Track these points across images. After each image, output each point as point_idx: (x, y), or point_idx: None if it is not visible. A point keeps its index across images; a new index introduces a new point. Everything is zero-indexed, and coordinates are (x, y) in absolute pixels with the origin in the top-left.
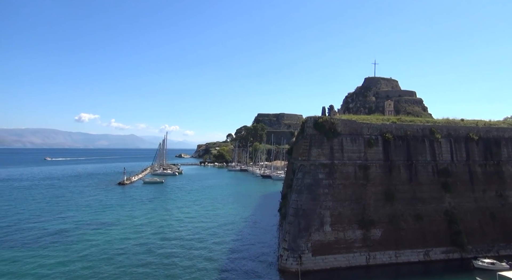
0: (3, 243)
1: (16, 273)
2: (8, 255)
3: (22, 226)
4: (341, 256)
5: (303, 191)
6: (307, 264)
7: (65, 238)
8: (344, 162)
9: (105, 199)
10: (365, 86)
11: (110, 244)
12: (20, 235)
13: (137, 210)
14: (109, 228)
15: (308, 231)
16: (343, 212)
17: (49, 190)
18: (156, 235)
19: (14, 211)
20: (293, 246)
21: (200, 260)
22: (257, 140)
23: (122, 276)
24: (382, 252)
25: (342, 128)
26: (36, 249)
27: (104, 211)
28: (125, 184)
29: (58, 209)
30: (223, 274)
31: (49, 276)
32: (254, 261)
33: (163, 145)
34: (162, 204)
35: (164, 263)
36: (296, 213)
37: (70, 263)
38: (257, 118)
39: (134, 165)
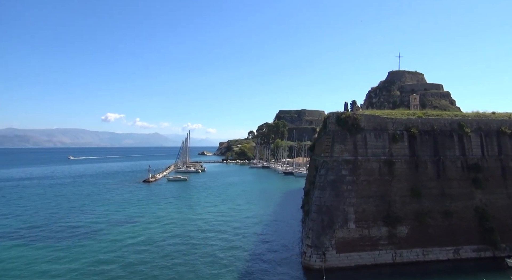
0: (38, 237)
1: (49, 266)
2: (42, 249)
3: (55, 221)
4: (366, 253)
5: (326, 188)
6: (331, 261)
7: (96, 233)
8: (368, 158)
9: (131, 196)
10: (389, 80)
11: (137, 239)
12: (53, 230)
13: (162, 206)
14: (136, 224)
15: (331, 228)
16: (368, 209)
17: (78, 187)
18: (180, 230)
19: (47, 207)
20: (317, 243)
21: (223, 256)
22: (278, 136)
23: (148, 269)
24: (409, 250)
25: (366, 123)
26: (68, 243)
27: (131, 208)
28: (150, 181)
29: (88, 205)
30: (246, 269)
31: (81, 270)
32: (277, 257)
33: (186, 143)
34: (186, 201)
35: (188, 257)
36: (319, 209)
37: (101, 258)
38: (278, 115)
39: (158, 162)
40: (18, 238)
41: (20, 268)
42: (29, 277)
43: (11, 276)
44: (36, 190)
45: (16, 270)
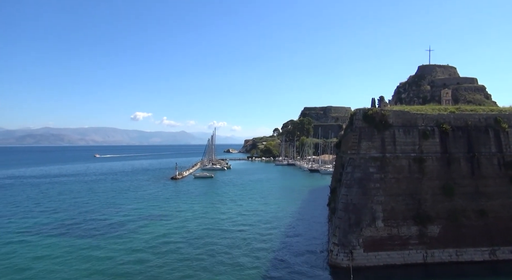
0: (71, 232)
1: (81, 260)
2: (75, 243)
3: (89, 217)
4: (395, 252)
5: (353, 185)
6: (359, 260)
7: (126, 228)
8: (397, 155)
9: (160, 192)
10: (418, 75)
11: (166, 234)
12: (87, 225)
13: (189, 203)
14: (165, 219)
15: (359, 226)
16: (397, 207)
17: (110, 184)
18: (207, 227)
19: (82, 203)
20: (344, 241)
21: (249, 253)
22: (304, 133)
23: (174, 265)
24: (441, 250)
25: (394, 119)
26: (101, 239)
27: (160, 204)
28: (177, 178)
29: (119, 202)
30: (272, 266)
31: (111, 264)
32: (303, 255)
33: (212, 140)
34: (213, 197)
35: (213, 253)
36: (346, 207)
37: (132, 253)
38: (304, 112)
39: (185, 160)
40: (55, 233)
41: (57, 261)
42: (65, 270)
43: (49, 270)
44: (73, 186)
45: (54, 263)
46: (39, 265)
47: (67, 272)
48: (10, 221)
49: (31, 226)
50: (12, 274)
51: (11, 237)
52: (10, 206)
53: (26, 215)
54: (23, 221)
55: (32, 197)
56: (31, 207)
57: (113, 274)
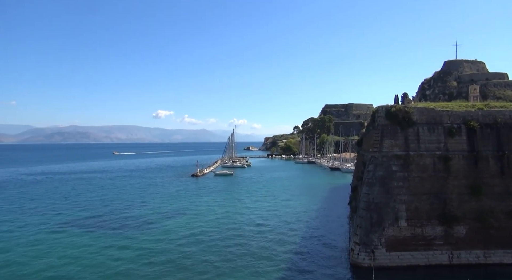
0: (98, 226)
1: (107, 254)
2: (102, 236)
3: (113, 212)
4: (419, 253)
5: (375, 184)
6: (381, 260)
7: (149, 224)
8: (421, 153)
9: (181, 189)
10: (444, 70)
11: (187, 230)
12: (112, 221)
13: (210, 200)
14: (186, 215)
15: (381, 225)
16: (421, 207)
17: (134, 180)
18: (227, 224)
19: (107, 199)
20: (365, 240)
21: (269, 250)
22: (324, 131)
23: (193, 261)
24: (467, 251)
25: (418, 117)
26: (125, 233)
27: (181, 201)
28: (198, 175)
29: (142, 198)
30: (292, 264)
31: (135, 258)
32: (324, 253)
33: (232, 138)
34: (233, 194)
35: (233, 250)
36: (368, 206)
37: (153, 248)
38: (324, 110)
39: (205, 157)
40: (84, 227)
41: (81, 255)
42: (88, 264)
43: (74, 264)
44: (99, 182)
45: (78, 257)
46: (69, 259)
47: (94, 264)
48: (44, 215)
49: (63, 221)
50: (47, 266)
51: (46, 230)
52: (43, 201)
53: (58, 209)
54: (55, 216)
55: (62, 192)
56: (61, 202)
57: (139, 268)
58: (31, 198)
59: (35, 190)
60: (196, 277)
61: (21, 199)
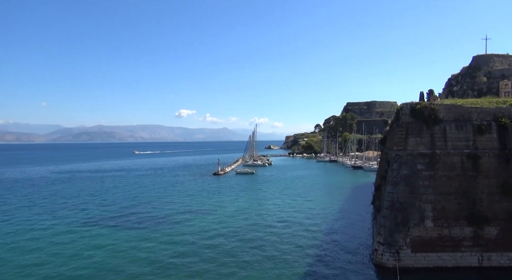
0: (123, 223)
1: (132, 249)
2: (126, 234)
3: (137, 209)
4: (447, 254)
5: (399, 183)
6: (406, 261)
7: (172, 221)
8: (448, 151)
9: (203, 188)
10: (473, 65)
11: (208, 228)
12: (136, 217)
13: (231, 198)
14: (207, 214)
15: (406, 225)
16: (448, 207)
17: (157, 178)
18: (249, 222)
19: (131, 196)
20: (390, 240)
21: (291, 250)
22: (346, 129)
23: (221, 256)
24: (499, 253)
25: (445, 114)
26: (148, 231)
27: (203, 199)
28: (220, 174)
29: (165, 195)
30: (315, 264)
31: (158, 256)
32: (346, 253)
33: (253, 137)
34: (254, 193)
35: (256, 248)
36: (392, 206)
37: (176, 244)
38: (346, 108)
39: (227, 156)
40: (110, 224)
41: (110, 250)
42: (115, 262)
43: (98, 261)
44: (125, 180)
45: (108, 252)
46: (95, 254)
47: (117, 260)
48: (74, 212)
49: (91, 217)
50: (74, 260)
51: (76, 226)
52: (73, 198)
53: (87, 206)
54: (84, 212)
55: (90, 190)
56: (90, 199)
57: (160, 265)
58: (63, 196)
59: (65, 188)
60: (218, 277)
61: (52, 196)
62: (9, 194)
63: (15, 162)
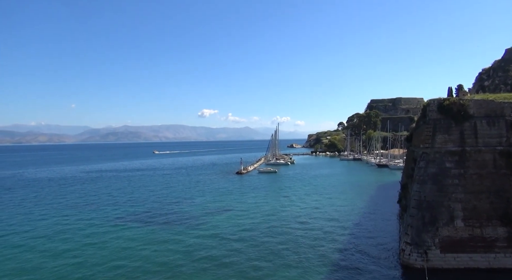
0: (148, 222)
1: (154, 249)
2: (150, 233)
3: (163, 207)
4: (479, 255)
5: (426, 181)
6: (435, 261)
7: (197, 220)
8: (479, 148)
9: (226, 186)
10: (506, 58)
11: (231, 227)
12: (161, 215)
13: (254, 197)
14: (230, 212)
15: (434, 225)
16: (479, 206)
17: (181, 177)
18: (272, 221)
19: (156, 195)
20: (417, 240)
21: (314, 249)
22: (370, 127)
23: (243, 255)
24: None
25: (475, 110)
26: (173, 229)
27: (227, 198)
28: (242, 173)
29: (189, 194)
30: (339, 264)
31: (182, 253)
32: (372, 253)
33: (275, 135)
34: (278, 192)
35: (279, 247)
36: (419, 205)
37: (200, 243)
38: (370, 105)
39: (249, 155)
40: (134, 222)
41: (137, 248)
42: (141, 257)
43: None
44: (151, 179)
45: (134, 249)
46: (125, 250)
47: (147, 256)
48: (103, 210)
49: (119, 215)
50: (107, 257)
51: (105, 224)
52: (103, 197)
53: (116, 205)
54: (113, 210)
55: (118, 189)
56: (119, 197)
57: (185, 262)
58: (93, 194)
59: (95, 186)
60: (241, 275)
61: (83, 195)
62: (44, 193)
63: (49, 162)
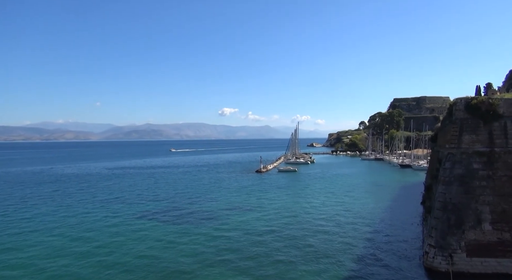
0: (168, 219)
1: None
2: (173, 229)
3: (182, 204)
4: (508, 260)
5: (452, 183)
6: (460, 265)
7: (217, 218)
8: (509, 149)
9: (246, 185)
10: None
11: (250, 225)
12: (181, 213)
13: (274, 196)
14: (251, 211)
15: (460, 228)
16: (509, 209)
17: (201, 175)
18: (290, 220)
19: (178, 191)
20: (442, 243)
21: (335, 249)
22: (393, 126)
23: (262, 255)
24: None
25: (506, 109)
26: (191, 226)
27: (246, 196)
28: (262, 171)
29: (210, 191)
30: (360, 266)
31: (204, 249)
32: (394, 255)
33: (295, 134)
34: (297, 191)
35: (297, 248)
36: (444, 207)
37: (220, 240)
38: (393, 104)
39: (269, 154)
40: (160, 218)
41: (160, 244)
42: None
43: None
44: (172, 176)
45: (158, 246)
46: (148, 246)
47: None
48: (127, 206)
49: (142, 211)
50: (129, 252)
51: (128, 220)
52: (126, 193)
53: (139, 201)
54: (136, 206)
55: (142, 185)
56: (142, 194)
57: (204, 258)
58: (119, 190)
59: (120, 183)
60: (259, 274)
61: (110, 191)
62: (72, 188)
63: (76, 158)
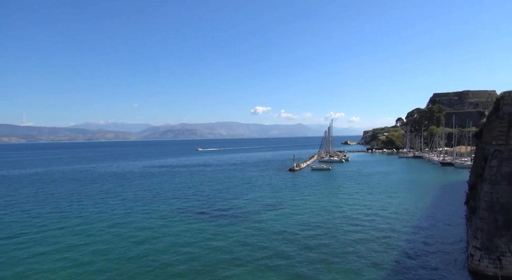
0: (204, 216)
1: (207, 243)
2: (210, 227)
3: (217, 202)
4: None
5: (500, 182)
6: (510, 269)
7: (252, 215)
8: None
9: (279, 183)
10: None
11: (284, 224)
12: (215, 210)
13: (308, 194)
14: (284, 210)
15: (510, 229)
16: None
17: (235, 173)
18: (325, 220)
19: (212, 189)
20: (489, 245)
21: (372, 250)
22: (433, 123)
23: (288, 257)
24: None
25: None
26: (227, 224)
27: (280, 194)
28: (295, 170)
29: (243, 190)
30: (399, 267)
31: (234, 250)
32: (436, 257)
33: (329, 132)
34: (331, 189)
35: (330, 248)
36: (491, 207)
37: (252, 237)
38: (433, 99)
39: (302, 152)
40: (192, 215)
41: (191, 242)
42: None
43: (179, 251)
44: (206, 175)
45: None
46: (185, 244)
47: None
48: (166, 203)
49: (178, 208)
50: (170, 249)
51: (167, 217)
52: (164, 191)
53: (176, 198)
54: (175, 204)
55: (177, 183)
56: (179, 192)
57: (239, 257)
58: (157, 188)
59: (158, 181)
60: (293, 273)
61: (149, 188)
62: (111, 184)
63: (117, 157)
